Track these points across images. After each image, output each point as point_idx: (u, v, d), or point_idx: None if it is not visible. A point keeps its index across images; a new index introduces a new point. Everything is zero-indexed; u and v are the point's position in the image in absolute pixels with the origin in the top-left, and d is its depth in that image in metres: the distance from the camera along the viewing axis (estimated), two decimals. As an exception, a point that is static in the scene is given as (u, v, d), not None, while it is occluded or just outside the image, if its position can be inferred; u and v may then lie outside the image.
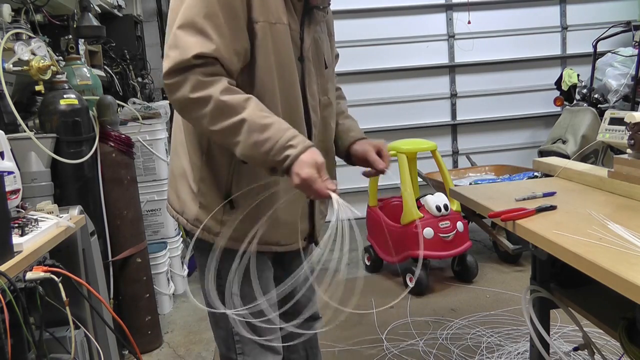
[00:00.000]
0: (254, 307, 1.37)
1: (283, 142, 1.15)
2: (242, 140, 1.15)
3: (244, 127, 1.15)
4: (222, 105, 1.15)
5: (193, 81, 1.14)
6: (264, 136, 1.15)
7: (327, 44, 1.42)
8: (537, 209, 1.36)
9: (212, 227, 1.32)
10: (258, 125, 1.15)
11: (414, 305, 3.05)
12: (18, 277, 1.38)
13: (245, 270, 1.36)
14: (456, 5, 5.03)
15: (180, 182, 1.36)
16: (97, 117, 2.46)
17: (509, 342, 2.53)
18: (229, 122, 1.15)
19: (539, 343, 1.58)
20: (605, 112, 1.71)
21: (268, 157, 1.15)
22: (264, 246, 1.34)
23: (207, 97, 1.14)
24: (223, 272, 1.35)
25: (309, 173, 1.14)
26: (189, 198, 1.34)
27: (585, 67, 4.66)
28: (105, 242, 2.50)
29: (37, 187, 2.03)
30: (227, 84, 1.17)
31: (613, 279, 0.95)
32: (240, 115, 1.15)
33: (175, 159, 1.40)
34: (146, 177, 3.28)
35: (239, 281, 1.37)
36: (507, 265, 3.59)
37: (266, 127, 1.15)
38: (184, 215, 1.35)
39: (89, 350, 1.85)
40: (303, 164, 1.14)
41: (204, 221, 1.31)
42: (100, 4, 3.52)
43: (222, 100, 1.14)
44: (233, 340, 1.43)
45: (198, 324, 3.07)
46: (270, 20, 1.23)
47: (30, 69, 2.10)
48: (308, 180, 1.14)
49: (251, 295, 1.37)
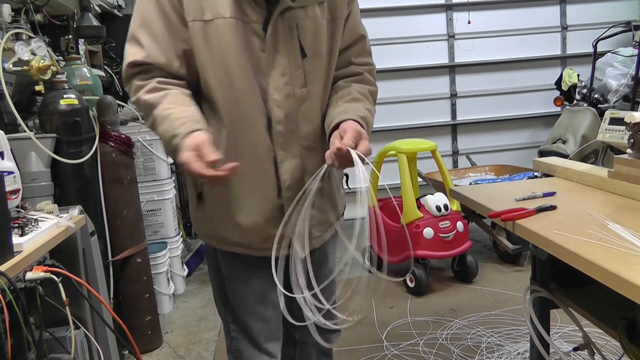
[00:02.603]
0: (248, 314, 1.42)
1: (171, 132, 1.16)
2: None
3: (156, 122, 1.21)
4: (144, 104, 1.23)
5: (133, 87, 1.25)
6: (162, 128, 1.19)
7: (317, 31, 1.27)
8: (537, 209, 1.36)
9: (194, 223, 1.45)
10: (160, 117, 1.20)
11: (414, 305, 3.05)
12: (18, 277, 1.38)
13: (231, 271, 1.41)
14: (456, 5, 5.03)
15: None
16: (97, 117, 2.46)
17: (509, 342, 2.53)
18: (149, 119, 1.23)
19: (539, 343, 1.58)
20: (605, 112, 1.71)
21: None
22: (235, 247, 1.36)
23: (137, 99, 1.25)
24: (221, 274, 1.43)
25: (183, 157, 1.11)
26: (191, 201, 1.43)
27: (585, 67, 4.66)
28: (105, 242, 2.50)
29: (37, 187, 2.03)
30: (155, 84, 1.22)
31: (613, 279, 0.95)
32: (154, 110, 1.21)
33: None
34: (146, 177, 3.28)
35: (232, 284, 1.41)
36: (507, 265, 3.59)
37: (164, 120, 1.19)
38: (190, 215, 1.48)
39: (89, 350, 1.85)
40: (182, 149, 1.13)
41: (192, 217, 1.44)
42: (100, 4, 3.52)
43: (144, 100, 1.22)
44: (230, 333, 1.46)
45: (198, 324, 3.07)
46: (203, 18, 1.21)
47: (30, 69, 2.10)
48: (185, 165, 1.11)
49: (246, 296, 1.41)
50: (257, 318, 1.41)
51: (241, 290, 1.41)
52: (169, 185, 3.43)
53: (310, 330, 1.37)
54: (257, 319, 1.41)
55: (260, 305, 1.41)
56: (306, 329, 1.47)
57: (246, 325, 1.42)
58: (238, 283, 1.41)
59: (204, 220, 1.39)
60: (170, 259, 3.36)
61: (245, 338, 1.43)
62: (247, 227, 1.32)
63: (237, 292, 1.41)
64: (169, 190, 3.42)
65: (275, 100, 1.25)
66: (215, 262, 1.44)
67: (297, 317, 1.40)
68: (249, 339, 1.43)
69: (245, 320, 1.42)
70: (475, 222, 3.53)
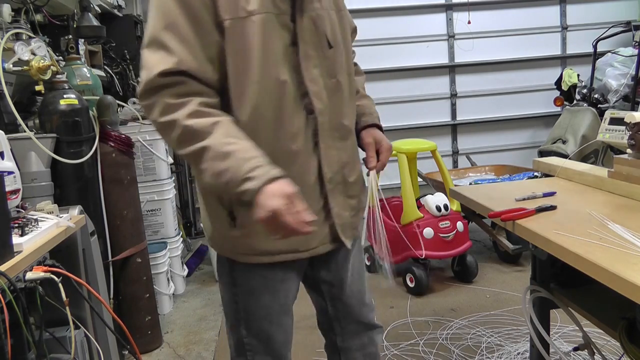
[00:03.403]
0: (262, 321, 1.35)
1: (242, 174, 1.05)
2: (206, 169, 1.08)
3: (207, 155, 1.07)
4: (187, 131, 1.08)
5: (161, 105, 1.10)
6: (224, 165, 1.06)
7: (332, 21, 1.28)
8: (537, 209, 1.36)
9: (224, 244, 1.32)
10: (220, 153, 1.07)
11: (414, 305, 3.05)
12: (18, 277, 1.38)
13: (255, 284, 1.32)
14: (456, 5, 5.03)
15: (204, 202, 1.35)
16: (97, 117, 2.46)
17: (509, 342, 2.53)
18: (193, 148, 1.08)
19: (539, 343, 1.58)
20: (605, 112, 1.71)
21: (228, 188, 1.07)
22: (277, 256, 1.28)
23: (173, 121, 1.09)
24: (238, 288, 1.35)
25: (276, 204, 1.02)
26: (205, 214, 1.34)
27: (585, 67, 4.66)
28: (105, 242, 2.50)
29: (37, 187, 2.02)
30: (197, 107, 1.10)
31: (613, 279, 0.95)
32: (204, 141, 1.08)
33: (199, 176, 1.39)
34: (146, 177, 3.28)
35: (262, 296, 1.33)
36: (507, 265, 3.59)
37: (227, 156, 1.07)
38: (206, 234, 1.38)
39: (89, 350, 1.85)
40: (268, 196, 1.04)
41: (216, 237, 1.33)
42: (100, 4, 3.52)
43: (187, 125, 1.08)
44: (244, 347, 1.37)
45: (198, 324, 3.07)
46: (238, 15, 1.13)
47: (30, 69, 2.10)
48: (276, 213, 1.02)
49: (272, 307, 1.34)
50: (282, 329, 1.37)
51: (267, 302, 1.33)
52: (169, 185, 3.43)
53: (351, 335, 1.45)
54: (282, 330, 1.37)
55: (285, 316, 1.37)
56: (348, 334, 1.47)
57: (269, 336, 1.36)
58: (263, 294, 1.33)
59: (239, 238, 1.26)
60: (170, 259, 3.36)
61: (266, 351, 1.37)
62: None
63: (261, 304, 1.33)
64: (169, 190, 3.42)
65: (314, 92, 1.22)
66: (235, 276, 1.34)
67: (334, 318, 1.46)
68: (271, 352, 1.37)
69: (270, 332, 1.36)
70: (475, 222, 3.53)
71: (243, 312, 1.34)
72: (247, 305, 1.34)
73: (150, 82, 1.10)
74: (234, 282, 1.34)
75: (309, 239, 1.26)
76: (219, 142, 1.07)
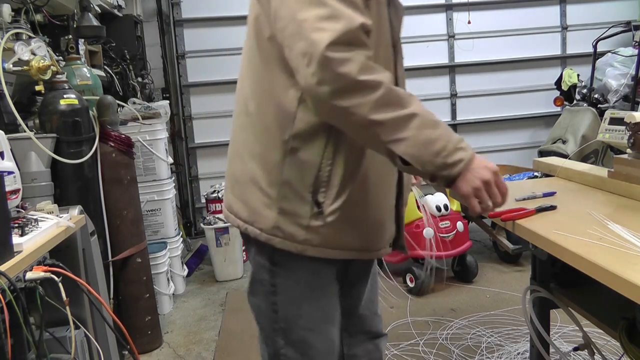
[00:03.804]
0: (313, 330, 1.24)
1: (454, 143, 1.00)
2: (410, 137, 0.98)
3: (414, 122, 0.98)
4: (392, 94, 0.98)
5: (361, 61, 0.96)
6: (436, 134, 0.99)
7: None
8: (537, 209, 1.36)
9: (296, 235, 1.14)
10: (430, 121, 0.99)
11: (414, 305, 3.05)
12: (18, 277, 1.38)
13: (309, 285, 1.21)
14: (456, 5, 5.03)
15: (249, 189, 1.18)
16: (97, 117, 2.46)
17: (509, 342, 2.53)
18: (397, 113, 0.97)
19: (539, 343, 1.58)
20: (605, 112, 1.71)
21: (437, 158, 0.99)
22: (348, 252, 1.20)
23: (377, 82, 0.97)
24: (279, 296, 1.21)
25: (487, 175, 1.01)
26: (262, 204, 1.16)
27: (585, 67, 4.66)
28: (105, 242, 2.50)
29: (37, 187, 2.02)
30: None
31: (613, 279, 0.95)
32: (410, 108, 0.99)
33: (237, 163, 1.23)
34: (146, 177, 3.28)
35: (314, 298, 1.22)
36: (507, 265, 3.59)
37: (437, 124, 1.00)
38: (257, 224, 1.17)
39: (89, 350, 1.85)
40: (480, 166, 1.01)
41: (286, 228, 1.14)
42: (100, 4, 3.52)
43: (392, 89, 0.98)
44: (280, 359, 1.27)
45: (198, 324, 3.07)
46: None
47: (30, 69, 2.09)
48: (488, 183, 1.01)
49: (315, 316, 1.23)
50: (325, 339, 1.27)
51: (310, 309, 1.23)
52: (169, 185, 3.43)
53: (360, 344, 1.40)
54: (324, 339, 1.27)
55: (329, 325, 1.27)
56: (356, 343, 1.43)
57: (310, 347, 1.24)
58: (307, 301, 1.22)
59: (319, 228, 1.14)
60: (170, 259, 3.36)
61: None
62: (374, 226, 1.21)
63: (304, 311, 1.22)
64: (169, 190, 3.42)
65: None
66: (277, 283, 1.21)
67: (344, 329, 1.38)
68: None
69: (311, 342, 1.25)
70: (475, 222, 3.52)
71: (283, 321, 1.22)
72: (287, 314, 1.22)
73: (352, 32, 0.97)
74: (275, 290, 1.21)
75: (379, 238, 1.22)
76: (424, 110, 1.00)
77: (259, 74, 1.14)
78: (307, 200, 1.13)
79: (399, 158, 1.00)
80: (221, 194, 3.97)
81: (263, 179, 1.15)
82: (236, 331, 2.92)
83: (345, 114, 0.98)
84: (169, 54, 4.79)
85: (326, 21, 0.96)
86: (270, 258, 1.19)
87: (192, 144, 4.92)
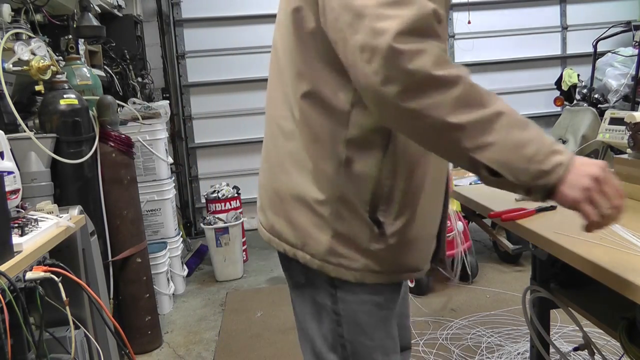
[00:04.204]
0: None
1: (549, 145, 0.83)
2: (498, 141, 0.81)
3: (501, 122, 0.82)
4: (473, 91, 0.83)
5: (435, 53, 0.80)
6: (527, 136, 0.82)
7: None
8: (537, 209, 1.36)
9: (353, 260, 1.00)
10: (519, 120, 0.83)
11: (414, 305, 3.05)
12: (18, 277, 1.38)
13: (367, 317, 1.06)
14: (456, 5, 5.03)
15: (296, 207, 1.02)
16: (97, 117, 2.46)
17: (509, 342, 2.53)
18: (481, 113, 0.81)
19: (539, 343, 1.58)
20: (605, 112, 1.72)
21: (531, 165, 0.81)
22: (407, 274, 1.08)
23: (456, 77, 0.82)
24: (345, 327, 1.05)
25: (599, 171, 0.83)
26: (313, 225, 1.00)
27: (585, 67, 4.66)
28: (105, 242, 2.50)
29: (37, 187, 2.02)
30: None
31: (613, 279, 0.95)
32: (494, 105, 0.82)
33: (281, 177, 1.05)
34: (146, 177, 3.28)
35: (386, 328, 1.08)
36: (507, 265, 3.59)
37: (527, 124, 0.84)
38: (307, 249, 1.02)
39: (89, 350, 1.85)
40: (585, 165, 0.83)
41: (342, 252, 1.00)
42: (100, 4, 3.52)
43: (473, 85, 0.83)
44: None
45: (198, 324, 3.07)
46: None
47: (30, 69, 2.09)
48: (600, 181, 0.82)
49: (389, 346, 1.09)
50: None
51: (381, 337, 1.09)
52: (169, 185, 3.43)
53: None
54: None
55: (397, 355, 1.15)
56: None
57: None
58: (377, 329, 1.08)
59: (380, 252, 1.01)
60: (170, 259, 3.36)
61: None
62: (428, 242, 1.10)
63: (375, 341, 1.08)
64: (169, 190, 3.42)
65: None
66: (340, 310, 1.05)
67: None
68: None
69: None
70: (475, 222, 3.50)
71: (351, 355, 1.06)
72: (356, 345, 1.06)
73: (424, 19, 0.81)
74: (339, 320, 1.05)
75: (429, 254, 1.11)
76: (509, 107, 0.84)
77: (303, 75, 0.98)
78: (366, 220, 0.99)
79: (485, 168, 0.83)
80: (221, 194, 3.97)
81: (313, 195, 0.99)
82: (236, 331, 2.92)
83: (417, 117, 0.82)
84: (169, 54, 4.79)
85: (392, 7, 0.80)
86: (328, 281, 1.04)
87: (192, 144, 4.92)
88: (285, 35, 1.02)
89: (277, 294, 3.38)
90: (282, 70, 1.04)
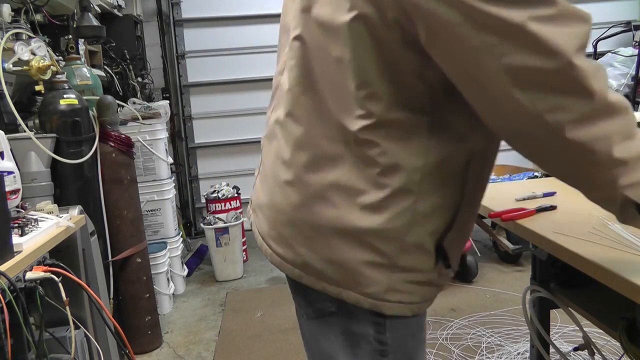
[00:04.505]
0: None
1: None
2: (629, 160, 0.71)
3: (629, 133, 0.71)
4: (633, 120, 0.73)
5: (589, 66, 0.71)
6: None
7: None
8: (537, 209, 1.36)
9: (414, 294, 0.89)
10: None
11: (414, 305, 3.05)
12: (18, 277, 1.38)
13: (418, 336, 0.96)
14: (456, 5, 5.03)
15: (343, 243, 0.86)
16: (97, 117, 2.46)
17: (509, 342, 2.53)
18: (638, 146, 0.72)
19: (539, 343, 1.58)
20: (605, 112, 1.71)
21: None
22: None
23: (625, 105, 0.73)
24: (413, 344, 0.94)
25: None
26: (366, 263, 0.85)
27: (585, 67, 4.66)
28: (105, 242, 2.50)
29: (37, 187, 2.02)
30: None
31: (613, 279, 0.95)
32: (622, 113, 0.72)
33: (322, 209, 0.86)
34: (146, 177, 3.28)
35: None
36: (507, 265, 3.59)
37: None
38: (359, 289, 0.86)
39: (89, 350, 1.85)
40: None
41: (402, 289, 0.87)
42: (100, 4, 3.52)
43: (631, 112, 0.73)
44: None
45: (198, 324, 3.07)
46: None
47: (30, 69, 2.09)
48: None
49: None
50: None
51: (424, 345, 1.01)
52: (169, 185, 3.43)
53: None
54: None
55: None
56: None
57: None
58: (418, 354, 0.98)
59: (438, 278, 0.92)
60: (170, 259, 3.36)
61: None
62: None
63: (424, 349, 1.00)
64: (169, 190, 3.42)
65: None
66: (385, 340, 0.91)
67: None
68: None
69: None
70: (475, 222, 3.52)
71: None
72: None
73: (587, 34, 0.75)
74: (384, 350, 0.91)
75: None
76: None
77: (372, 95, 0.80)
78: (430, 250, 0.87)
79: (635, 205, 0.73)
80: (221, 194, 3.97)
81: (371, 230, 0.84)
82: (236, 331, 2.92)
83: (581, 151, 0.70)
84: (169, 54, 4.79)
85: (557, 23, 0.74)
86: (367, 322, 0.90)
87: (192, 144, 4.92)
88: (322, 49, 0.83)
89: (277, 294, 3.38)
90: (324, 87, 0.85)
